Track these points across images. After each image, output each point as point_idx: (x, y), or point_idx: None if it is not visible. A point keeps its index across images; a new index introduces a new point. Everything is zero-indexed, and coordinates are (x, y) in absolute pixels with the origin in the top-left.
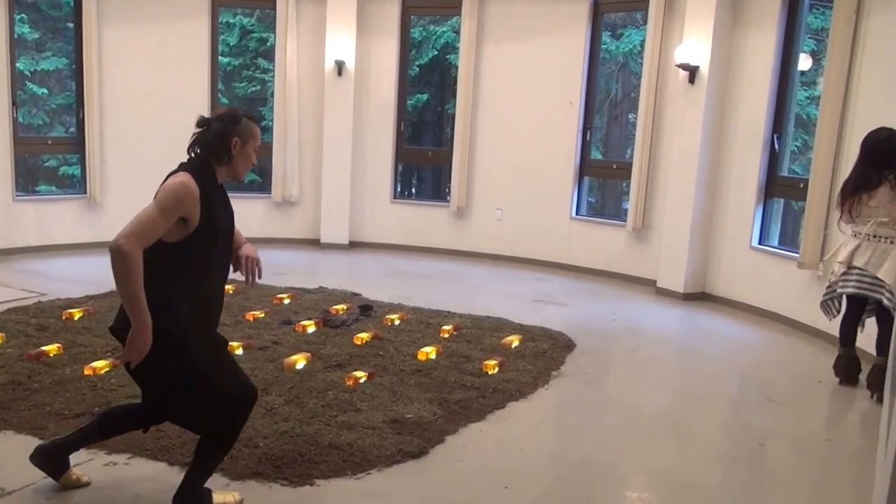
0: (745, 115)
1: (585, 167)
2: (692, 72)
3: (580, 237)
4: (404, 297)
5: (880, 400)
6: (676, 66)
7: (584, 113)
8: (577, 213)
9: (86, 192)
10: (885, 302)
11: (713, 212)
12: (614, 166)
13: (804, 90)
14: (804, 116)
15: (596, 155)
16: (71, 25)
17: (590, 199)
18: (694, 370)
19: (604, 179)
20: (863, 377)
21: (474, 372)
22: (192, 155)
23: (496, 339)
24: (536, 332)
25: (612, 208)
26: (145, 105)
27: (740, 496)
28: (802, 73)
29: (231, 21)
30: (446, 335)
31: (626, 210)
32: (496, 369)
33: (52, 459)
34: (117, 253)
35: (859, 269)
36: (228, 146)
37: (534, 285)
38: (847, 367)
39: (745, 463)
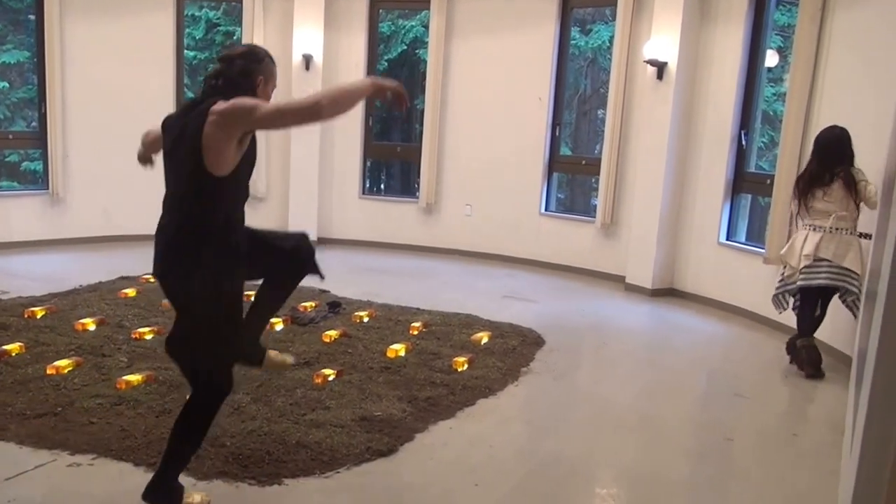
0: (713, 111)
1: (554, 163)
2: (660, 68)
3: (549, 233)
4: (373, 293)
5: (811, 376)
6: (645, 62)
7: (553, 108)
8: (546, 209)
9: (48, 188)
10: (852, 290)
11: (681, 208)
12: (583, 162)
13: (771, 86)
14: (771, 113)
15: (565, 151)
16: (32, 18)
17: (559, 195)
18: (662, 365)
19: (573, 175)
20: (780, 346)
21: (444, 369)
22: (212, 88)
23: (465, 335)
24: (506, 329)
25: (581, 204)
26: (109, 99)
27: (708, 491)
28: (769, 69)
29: (197, 14)
30: (415, 332)
31: (595, 206)
32: (465, 366)
33: (163, 492)
34: (321, 102)
35: (828, 260)
36: (254, 84)
37: (503, 281)
38: (809, 357)
39: (713, 458)
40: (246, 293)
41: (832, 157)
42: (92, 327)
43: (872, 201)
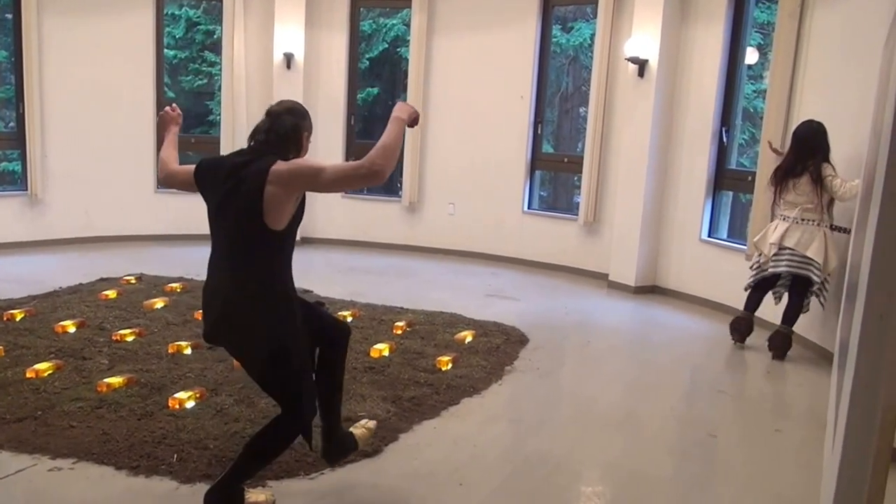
0: (694, 108)
1: (537, 161)
2: (642, 65)
3: (532, 231)
4: (356, 293)
5: (778, 359)
6: (626, 59)
7: (535, 106)
8: (529, 207)
9: (27, 189)
10: (814, 278)
11: (663, 205)
12: (566, 160)
13: (751, 84)
14: (751, 109)
15: (547, 149)
16: (10, 16)
17: (542, 193)
18: (645, 363)
19: (555, 173)
20: (757, 340)
21: (428, 368)
22: (262, 143)
23: (449, 334)
24: (490, 328)
25: (563, 202)
26: (89, 99)
27: (693, 488)
28: (749, 66)
29: (177, 13)
30: (399, 332)
31: (578, 204)
32: (450, 365)
33: (223, 497)
34: (374, 167)
35: (790, 249)
36: (300, 140)
37: (486, 280)
38: (742, 328)
39: (697, 454)
40: None
41: (806, 150)
42: (72, 329)
43: (839, 194)
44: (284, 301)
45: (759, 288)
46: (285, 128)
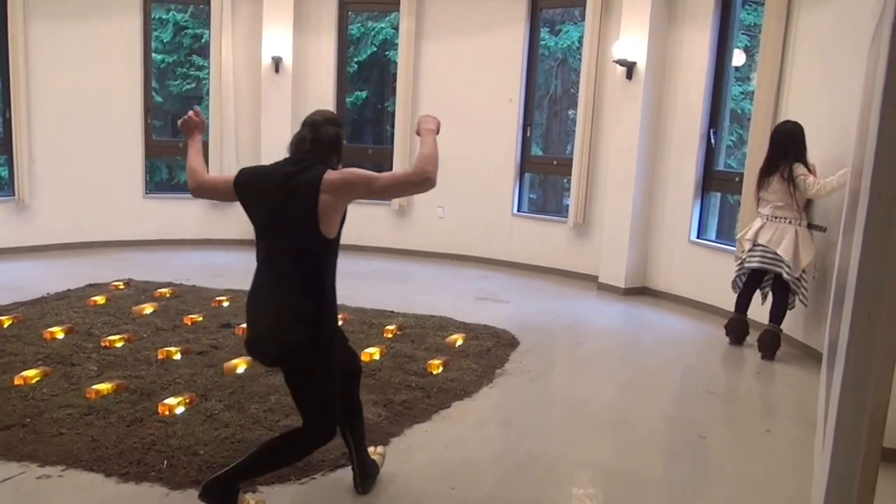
0: (682, 110)
1: (526, 163)
2: (630, 68)
3: (522, 234)
4: (346, 297)
5: (767, 358)
6: (614, 61)
7: (524, 109)
8: (518, 210)
9: (14, 195)
10: (785, 275)
11: (652, 207)
12: (555, 162)
13: (738, 85)
14: (739, 111)
15: (536, 151)
16: None
17: (531, 196)
18: (636, 364)
19: (545, 176)
20: (752, 339)
21: (419, 372)
22: (306, 152)
23: (440, 338)
24: (480, 331)
25: (553, 204)
26: (76, 104)
27: (684, 489)
28: (736, 68)
29: (164, 17)
30: (390, 335)
31: (567, 206)
32: (440, 369)
33: (223, 492)
34: (425, 174)
35: (763, 245)
36: (341, 148)
37: (477, 283)
38: (738, 330)
39: (688, 455)
40: None
41: (780, 150)
42: (60, 336)
43: (813, 193)
44: (333, 313)
45: (747, 288)
46: (329, 136)
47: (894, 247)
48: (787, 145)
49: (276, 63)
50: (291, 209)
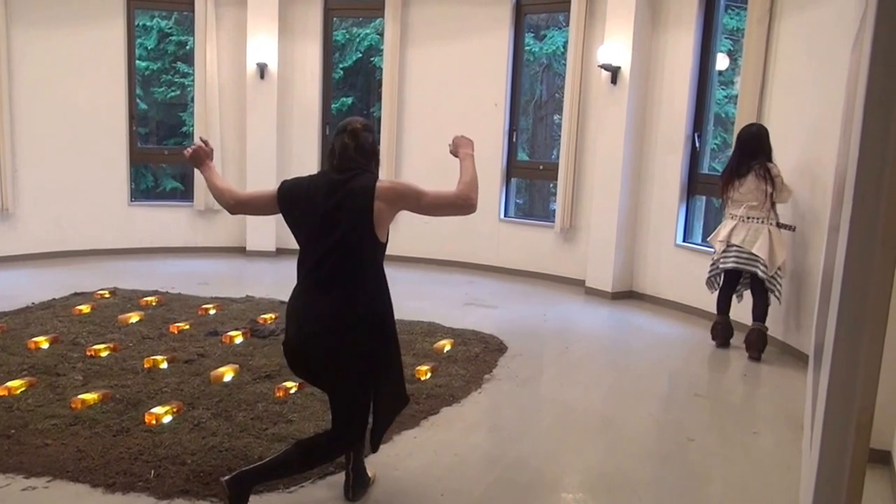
0: (667, 114)
1: (512, 169)
2: (614, 72)
3: (509, 239)
4: None
5: (755, 359)
6: (599, 66)
7: (510, 114)
8: (505, 215)
9: None
10: (760, 274)
11: (638, 211)
12: (541, 167)
13: (722, 89)
14: (723, 115)
15: (522, 156)
16: None
17: (518, 201)
18: (624, 368)
19: (531, 181)
20: (738, 341)
21: (407, 378)
22: (350, 158)
23: (428, 343)
24: (468, 336)
25: (539, 209)
26: (60, 112)
27: (673, 491)
28: (720, 72)
29: (148, 24)
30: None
31: (554, 211)
32: (429, 375)
33: (246, 485)
34: (469, 201)
35: (737, 246)
36: (378, 154)
37: (464, 288)
38: (723, 333)
39: (677, 459)
40: None
41: (750, 151)
42: (45, 346)
43: (784, 195)
44: (390, 314)
45: (726, 289)
46: (369, 143)
47: (879, 249)
48: (755, 146)
49: (262, 69)
50: (346, 216)
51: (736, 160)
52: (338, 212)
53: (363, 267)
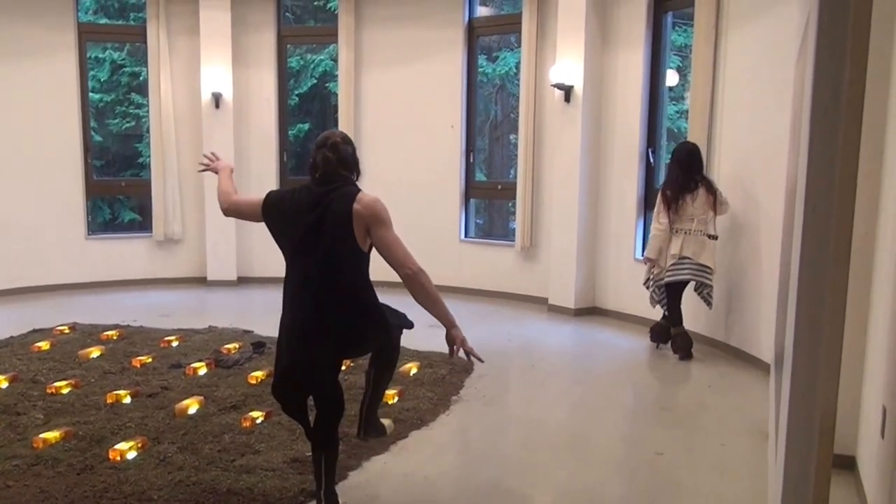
0: (621, 130)
1: (471, 189)
2: (567, 91)
3: (470, 259)
4: None
5: (685, 358)
6: (552, 86)
7: (466, 135)
8: (465, 236)
9: None
10: (707, 281)
11: (597, 227)
12: (499, 187)
13: (673, 105)
14: (675, 130)
15: (480, 177)
16: None
17: (477, 221)
18: (589, 383)
19: (490, 200)
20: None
21: None
22: (331, 167)
23: None
24: (434, 358)
25: (499, 228)
26: (12, 146)
27: None
28: (670, 88)
29: (100, 56)
30: (345, 367)
31: (514, 230)
32: (396, 398)
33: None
34: (419, 276)
35: (689, 258)
36: (358, 164)
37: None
38: (684, 345)
39: (645, 472)
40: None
41: (692, 167)
42: (4, 385)
43: (725, 208)
44: (376, 304)
45: (675, 300)
46: (349, 154)
47: (831, 258)
48: (697, 162)
49: (217, 98)
50: (329, 223)
51: (681, 177)
52: (321, 221)
53: (348, 277)
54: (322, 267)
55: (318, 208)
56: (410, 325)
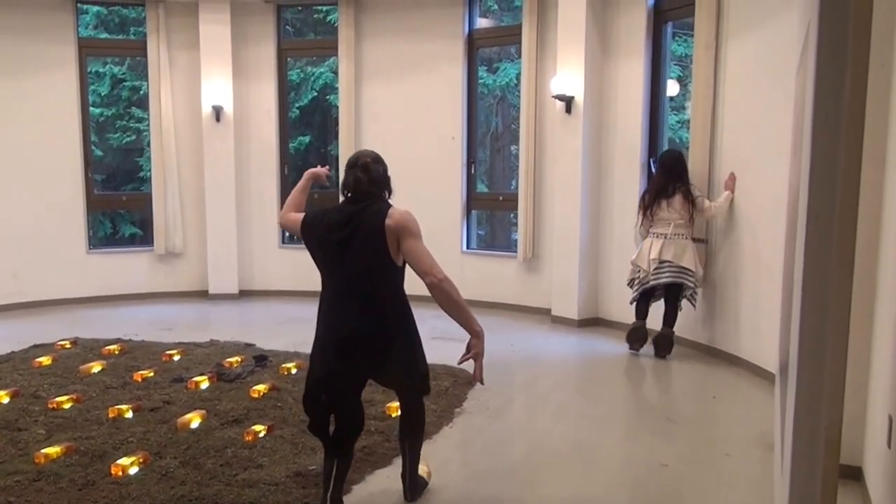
0: (622, 141)
1: (472, 200)
2: (568, 102)
3: (472, 271)
4: (299, 343)
5: (662, 357)
6: (553, 97)
7: (467, 147)
8: (467, 247)
9: None
10: (688, 284)
11: (600, 237)
12: (501, 198)
13: (674, 114)
14: (677, 139)
15: (482, 188)
16: None
17: (479, 232)
18: (593, 395)
19: (492, 212)
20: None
21: (377, 416)
22: (363, 187)
23: None
24: (438, 370)
25: (501, 240)
26: (13, 160)
27: None
28: (671, 98)
29: (101, 70)
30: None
31: (516, 241)
32: (398, 412)
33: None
34: (444, 283)
35: (669, 261)
36: (390, 182)
37: (431, 322)
38: (638, 336)
39: (650, 484)
40: None
41: (674, 174)
42: (5, 400)
43: (709, 214)
44: (412, 320)
45: (644, 298)
46: (380, 174)
47: (834, 266)
48: (680, 169)
49: (217, 112)
50: (361, 238)
51: (660, 183)
52: (354, 237)
53: (382, 291)
54: (356, 281)
55: (349, 224)
56: (428, 391)
